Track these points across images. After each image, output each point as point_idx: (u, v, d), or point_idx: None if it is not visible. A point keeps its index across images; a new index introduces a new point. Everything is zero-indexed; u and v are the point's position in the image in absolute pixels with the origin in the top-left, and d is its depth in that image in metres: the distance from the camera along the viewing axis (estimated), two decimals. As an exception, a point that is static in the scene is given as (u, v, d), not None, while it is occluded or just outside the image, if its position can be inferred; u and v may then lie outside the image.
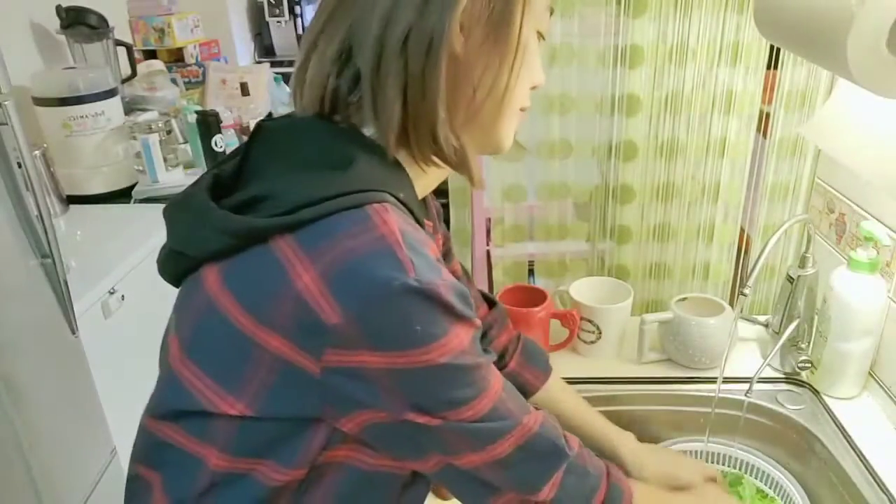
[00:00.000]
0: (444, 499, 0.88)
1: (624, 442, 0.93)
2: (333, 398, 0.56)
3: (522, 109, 0.68)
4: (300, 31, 3.20)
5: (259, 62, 3.15)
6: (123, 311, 1.42)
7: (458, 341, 0.56)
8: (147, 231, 1.59)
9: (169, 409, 0.63)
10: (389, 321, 0.53)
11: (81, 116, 1.79)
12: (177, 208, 0.63)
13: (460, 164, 0.64)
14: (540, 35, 0.66)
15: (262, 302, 0.55)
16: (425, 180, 0.67)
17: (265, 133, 0.65)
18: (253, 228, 0.56)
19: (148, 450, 0.65)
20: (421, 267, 0.54)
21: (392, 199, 0.58)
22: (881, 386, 1.04)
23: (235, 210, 0.57)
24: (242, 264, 0.56)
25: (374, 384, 0.55)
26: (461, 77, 0.61)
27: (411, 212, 0.60)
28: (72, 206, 1.76)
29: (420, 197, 0.67)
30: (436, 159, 0.62)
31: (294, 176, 0.59)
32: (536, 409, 0.68)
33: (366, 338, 0.53)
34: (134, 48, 2.36)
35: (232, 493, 0.61)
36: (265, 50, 3.27)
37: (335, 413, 0.57)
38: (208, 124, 1.93)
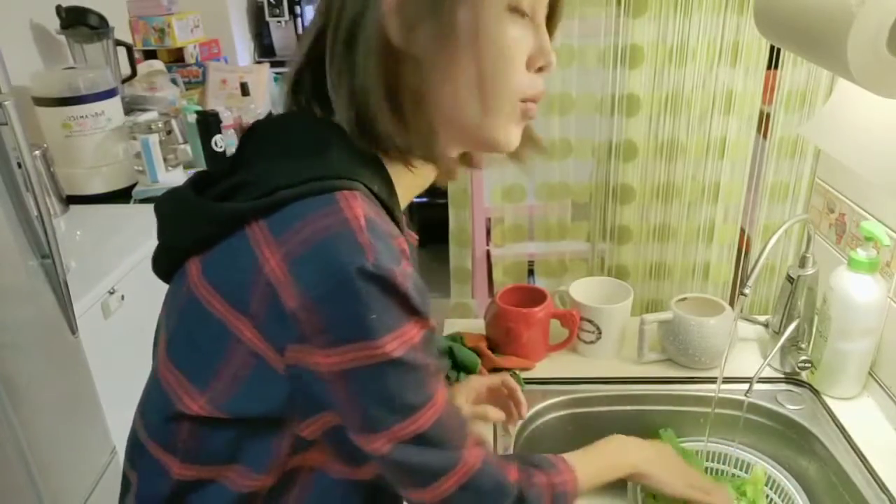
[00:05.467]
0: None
1: None
2: (298, 396, 0.56)
3: (526, 101, 0.62)
4: (300, 31, 3.20)
5: (259, 62, 3.14)
6: (123, 311, 1.42)
7: (411, 336, 0.55)
8: (147, 231, 1.59)
9: (145, 407, 0.63)
10: (345, 307, 0.52)
11: (81, 116, 1.79)
12: (163, 202, 0.64)
13: (430, 159, 0.62)
14: (519, 11, 0.60)
15: (237, 289, 0.55)
16: (410, 178, 0.65)
17: (257, 130, 0.66)
18: (229, 213, 0.56)
19: (131, 449, 0.66)
20: (381, 253, 0.53)
21: (364, 188, 0.57)
22: (881, 386, 1.04)
23: (219, 199, 0.58)
24: (220, 253, 0.57)
25: (330, 385, 0.55)
26: (413, 71, 0.58)
27: (384, 205, 0.60)
28: (72, 206, 1.75)
29: (408, 196, 0.67)
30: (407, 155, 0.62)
31: (273, 163, 0.60)
32: (478, 440, 0.67)
33: (322, 329, 0.52)
34: (134, 48, 2.36)
35: (199, 500, 0.61)
36: (265, 50, 3.27)
37: (297, 415, 0.57)
38: (208, 124, 1.92)
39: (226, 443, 0.59)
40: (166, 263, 0.64)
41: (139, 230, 1.62)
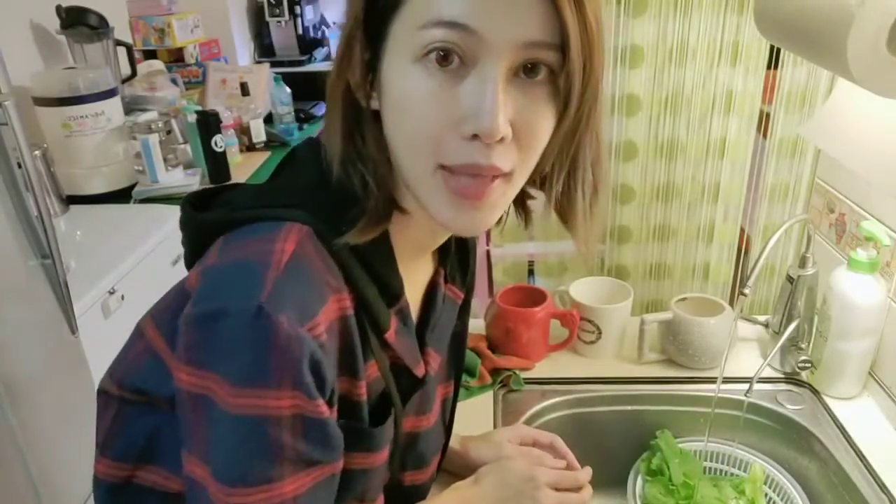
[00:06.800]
0: None
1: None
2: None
3: (446, 168, 0.51)
4: (300, 31, 3.20)
5: (259, 62, 3.14)
6: (123, 311, 1.42)
7: (275, 405, 0.48)
8: (147, 231, 1.59)
9: None
10: (212, 335, 0.48)
11: (81, 116, 1.79)
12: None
13: (367, 202, 0.55)
14: (438, 60, 0.48)
15: (168, 294, 0.56)
16: (417, 224, 0.59)
17: (291, 151, 0.64)
18: (203, 222, 0.57)
19: None
20: (281, 300, 0.47)
21: (323, 226, 0.54)
22: (881, 386, 1.04)
23: (214, 207, 0.59)
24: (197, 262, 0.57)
25: (184, 403, 0.50)
26: (365, 123, 0.55)
27: (361, 254, 0.55)
28: (72, 206, 1.76)
29: (418, 245, 0.63)
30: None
31: (267, 183, 0.60)
32: None
33: (189, 346, 0.49)
34: (134, 48, 2.36)
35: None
36: (265, 50, 3.27)
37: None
38: (208, 124, 1.92)
39: (144, 434, 0.57)
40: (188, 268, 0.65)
41: (139, 230, 1.61)
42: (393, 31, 0.50)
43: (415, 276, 0.65)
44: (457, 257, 0.73)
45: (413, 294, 0.65)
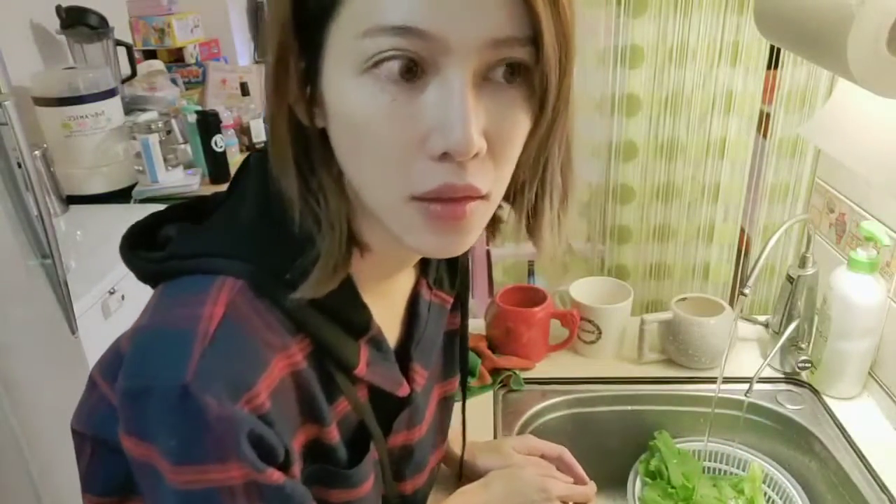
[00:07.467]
0: None
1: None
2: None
3: (417, 198, 0.45)
4: (300, 31, 3.20)
5: (259, 62, 3.14)
6: (123, 311, 1.42)
7: (227, 476, 0.44)
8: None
9: None
10: (147, 415, 0.44)
11: (81, 116, 1.79)
12: None
13: (323, 235, 0.49)
14: (388, 64, 0.42)
15: (110, 348, 0.53)
16: (377, 256, 0.54)
17: (243, 165, 0.57)
18: (136, 268, 0.53)
19: None
20: (208, 374, 0.44)
21: (264, 275, 0.49)
22: (881, 386, 1.04)
23: (163, 241, 0.55)
24: None
25: (132, 466, 0.48)
26: (314, 148, 0.49)
27: (292, 287, 0.48)
28: (72, 206, 1.76)
29: (385, 273, 0.58)
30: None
31: (202, 224, 0.54)
32: None
33: (123, 417, 0.46)
34: (134, 48, 2.36)
35: None
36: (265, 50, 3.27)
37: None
38: (208, 124, 1.92)
39: (122, 470, 0.53)
40: None
41: (139, 230, 1.61)
42: (329, 38, 0.44)
43: (390, 296, 0.61)
44: (444, 260, 0.68)
45: (390, 313, 0.61)
